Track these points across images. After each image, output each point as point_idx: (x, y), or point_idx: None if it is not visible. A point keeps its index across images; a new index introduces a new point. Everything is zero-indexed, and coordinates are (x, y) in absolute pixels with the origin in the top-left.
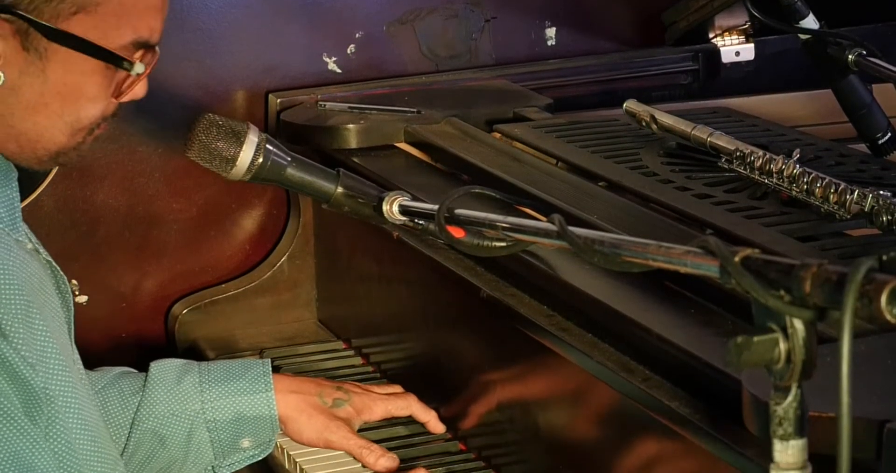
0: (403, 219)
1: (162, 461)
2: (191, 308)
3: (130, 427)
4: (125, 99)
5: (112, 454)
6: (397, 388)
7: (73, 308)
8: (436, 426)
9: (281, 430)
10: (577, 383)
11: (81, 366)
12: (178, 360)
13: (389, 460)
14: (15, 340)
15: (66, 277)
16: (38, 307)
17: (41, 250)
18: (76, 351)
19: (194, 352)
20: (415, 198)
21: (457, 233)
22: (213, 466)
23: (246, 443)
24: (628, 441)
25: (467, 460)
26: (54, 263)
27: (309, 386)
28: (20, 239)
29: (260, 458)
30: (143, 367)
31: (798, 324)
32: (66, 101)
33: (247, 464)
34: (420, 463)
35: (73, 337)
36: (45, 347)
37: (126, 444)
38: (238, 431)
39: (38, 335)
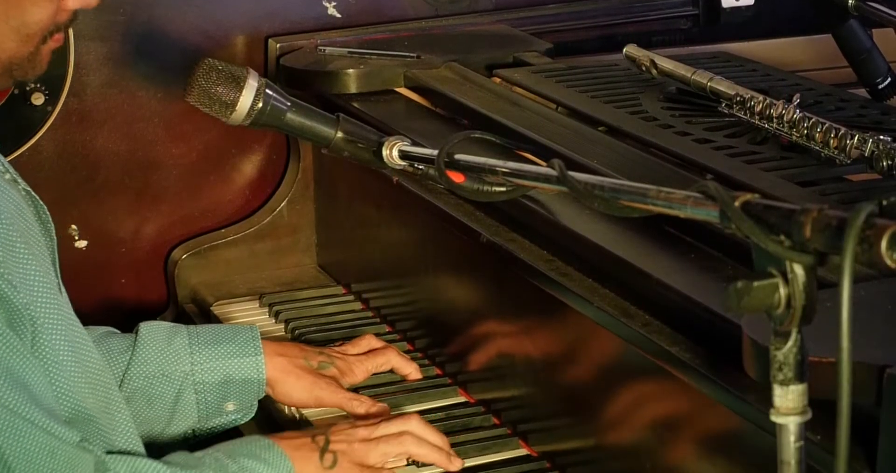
0: (403, 163)
1: (147, 421)
2: (190, 253)
3: (120, 386)
4: (75, 5)
5: (104, 380)
6: (376, 343)
7: (55, 238)
8: (416, 375)
9: (268, 393)
10: (577, 328)
11: (67, 299)
12: (167, 322)
13: (378, 409)
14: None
15: (45, 207)
16: (19, 233)
17: (20, 180)
18: (61, 282)
19: (194, 297)
20: (414, 143)
21: (456, 177)
22: (193, 429)
23: (230, 407)
24: (628, 386)
25: (466, 406)
26: (33, 193)
27: (294, 350)
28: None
29: (241, 423)
30: (142, 312)
31: (798, 269)
32: (8, 5)
33: (228, 428)
34: (419, 410)
35: (57, 268)
36: (27, 270)
37: None
38: (225, 394)
39: (20, 258)
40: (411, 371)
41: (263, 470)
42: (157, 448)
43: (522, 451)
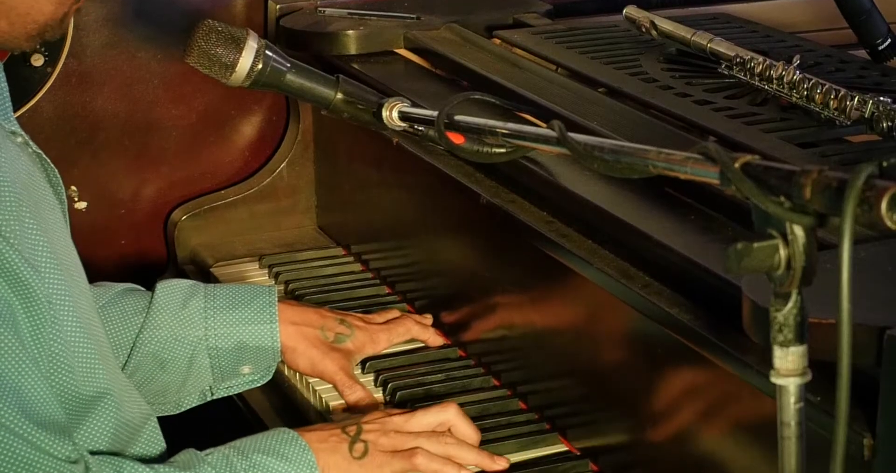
0: (403, 125)
1: (160, 384)
2: (190, 214)
3: (131, 349)
4: None
5: (109, 358)
6: (394, 313)
7: (66, 201)
8: (435, 341)
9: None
10: (577, 289)
11: (78, 261)
12: (185, 281)
13: (371, 401)
14: (11, 238)
15: (56, 170)
16: (29, 204)
17: (31, 143)
18: (72, 244)
19: (194, 259)
20: (414, 105)
21: (456, 139)
22: (210, 387)
23: (246, 370)
24: (627, 348)
25: (467, 367)
26: (44, 155)
27: (313, 318)
28: (14, 129)
29: (259, 384)
30: (142, 273)
31: (798, 230)
32: None
33: (245, 389)
34: (419, 370)
35: (69, 231)
36: (35, 245)
37: (126, 364)
38: (239, 358)
39: (29, 233)
40: (428, 336)
41: (279, 467)
42: (170, 432)
43: (521, 410)
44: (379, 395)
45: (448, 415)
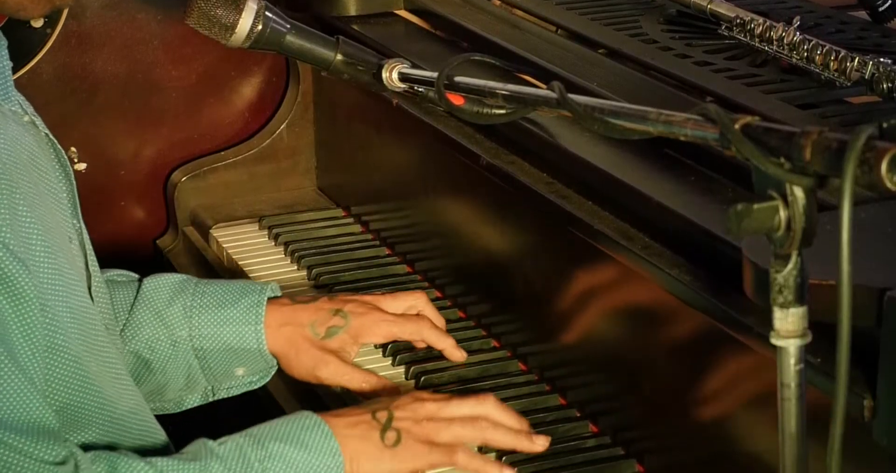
0: (403, 86)
1: (152, 384)
2: (190, 175)
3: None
4: None
5: (106, 349)
6: (416, 297)
7: (74, 182)
8: (452, 353)
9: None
10: (577, 250)
11: (86, 238)
12: (176, 276)
13: (384, 385)
14: (6, 237)
15: (63, 151)
16: (25, 190)
17: (38, 123)
18: (81, 222)
19: (194, 220)
20: (414, 66)
21: (456, 100)
22: (212, 387)
23: (240, 371)
24: (627, 309)
25: (467, 328)
26: (51, 136)
27: (302, 316)
28: (14, 108)
29: (259, 385)
30: (142, 235)
31: (798, 192)
32: None
33: (246, 390)
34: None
35: (78, 210)
36: (28, 236)
37: None
38: (229, 360)
39: (22, 223)
40: (446, 346)
41: (297, 456)
42: (174, 425)
43: (521, 371)
44: (378, 356)
45: (486, 408)
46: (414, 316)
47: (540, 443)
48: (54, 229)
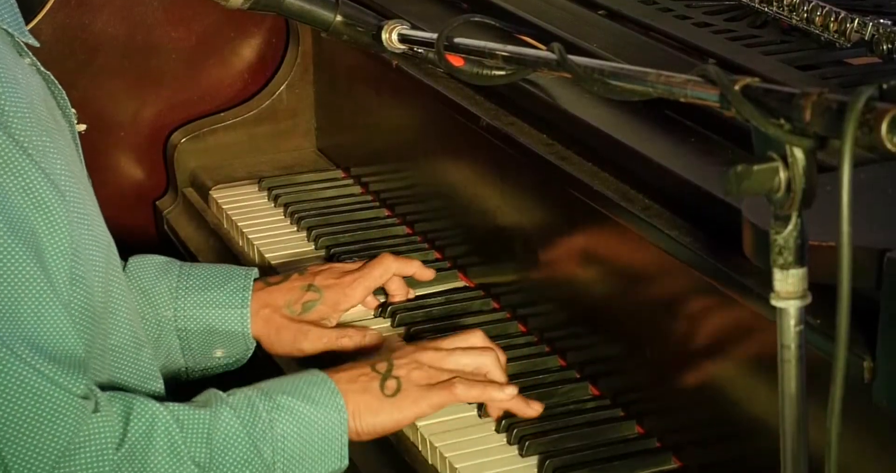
0: (403, 47)
1: None
2: (189, 136)
3: None
4: None
5: (122, 283)
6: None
7: (74, 123)
8: (422, 274)
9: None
10: (577, 212)
11: (89, 184)
12: (160, 258)
13: (371, 337)
14: (35, 156)
15: (63, 92)
16: (46, 125)
17: (39, 65)
18: (84, 167)
19: (193, 181)
20: (414, 27)
21: (456, 61)
22: (186, 368)
23: (219, 353)
24: (627, 270)
25: (466, 289)
26: (52, 77)
27: (277, 297)
28: (30, 41)
29: (234, 368)
30: (142, 196)
31: (798, 153)
32: None
33: (222, 371)
34: (419, 292)
35: (80, 154)
36: (55, 164)
37: None
38: (210, 342)
39: (51, 153)
40: (414, 269)
41: (303, 409)
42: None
43: (520, 332)
44: (377, 317)
45: (486, 360)
46: (375, 262)
47: (535, 408)
48: (73, 163)
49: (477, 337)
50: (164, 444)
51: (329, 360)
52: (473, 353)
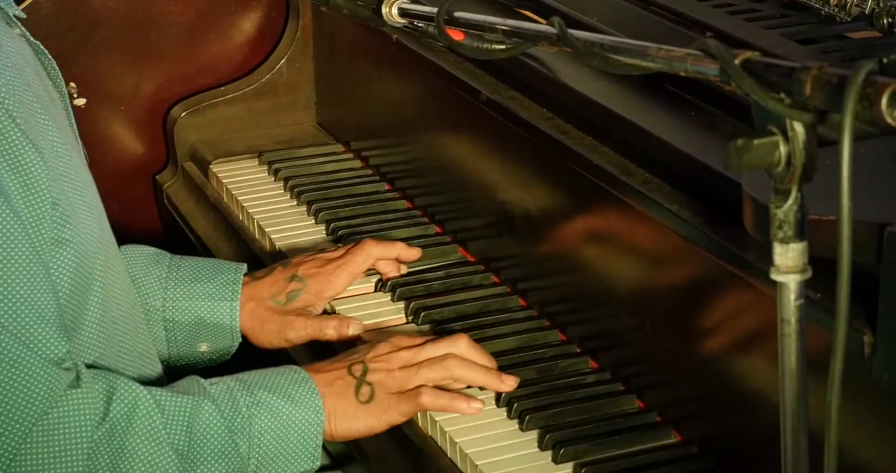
0: (402, 21)
1: None
2: (189, 110)
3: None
4: None
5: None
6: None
7: (66, 94)
8: (407, 254)
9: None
10: (576, 186)
11: (82, 153)
12: (150, 249)
13: (354, 327)
14: (23, 124)
15: (54, 61)
16: (36, 94)
17: (28, 35)
18: (77, 137)
19: (193, 155)
20: (414, 1)
21: (456, 35)
22: (168, 360)
23: (203, 348)
24: (627, 244)
25: (465, 263)
26: (42, 47)
27: (262, 290)
28: (17, 13)
29: (216, 363)
30: (142, 170)
31: (798, 127)
32: None
33: (204, 366)
34: (418, 266)
35: (73, 124)
36: (46, 133)
37: None
38: (196, 334)
39: (39, 117)
40: (397, 252)
41: (283, 407)
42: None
43: (521, 307)
44: (375, 291)
45: (459, 348)
46: (356, 247)
47: (508, 383)
48: (65, 132)
49: (461, 345)
50: (145, 427)
51: (315, 349)
52: (444, 343)
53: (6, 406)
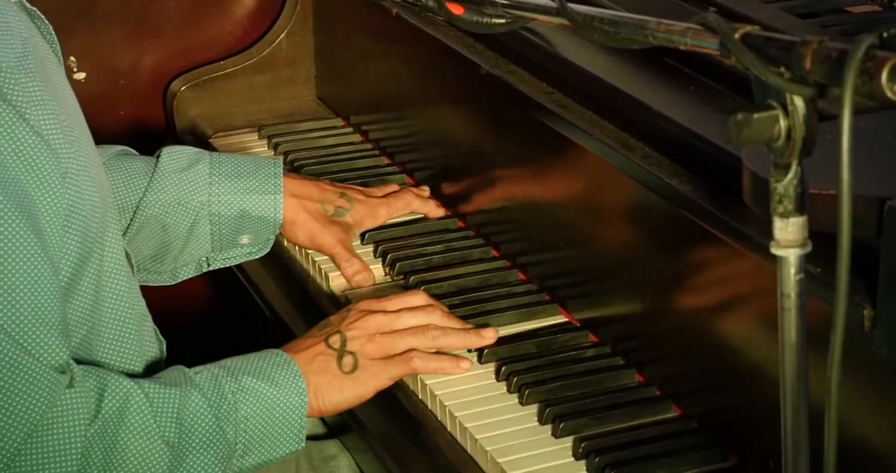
0: None
1: (162, 245)
2: (189, 85)
3: (135, 211)
4: None
5: (118, 231)
6: (392, 187)
7: (62, 59)
8: (435, 213)
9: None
10: (577, 160)
11: (83, 120)
12: (191, 148)
13: (364, 278)
14: (19, 106)
15: (50, 26)
16: (34, 63)
17: (24, 2)
18: (77, 103)
19: (193, 129)
20: None
21: (456, 9)
22: (207, 257)
23: (245, 240)
24: (627, 219)
25: (466, 238)
26: (38, 12)
27: (313, 191)
28: None
29: (256, 257)
30: (142, 145)
31: (798, 101)
32: None
33: (242, 261)
34: (418, 241)
35: (69, 85)
36: (43, 108)
37: (128, 227)
38: (240, 227)
39: (37, 94)
40: (429, 209)
41: (267, 391)
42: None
43: (520, 281)
44: (378, 267)
45: (433, 319)
46: (399, 192)
47: (489, 336)
48: (66, 104)
49: (419, 298)
50: (136, 422)
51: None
52: (420, 313)
53: (6, 411)
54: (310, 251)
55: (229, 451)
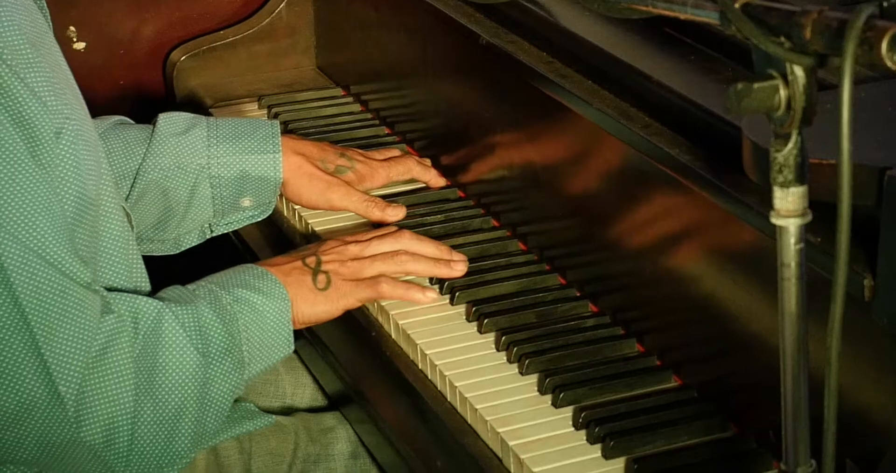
0: None
1: (164, 210)
2: (189, 54)
3: (134, 178)
4: None
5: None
6: (394, 151)
7: (52, 25)
8: (436, 182)
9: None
10: (577, 130)
11: (76, 88)
12: (187, 113)
13: (397, 210)
14: (15, 66)
15: (44, 2)
16: (26, 29)
17: None
18: (69, 70)
19: (193, 99)
20: None
21: None
22: (209, 223)
23: (247, 202)
24: (628, 189)
25: (466, 207)
26: None
27: (312, 150)
28: None
29: (258, 219)
30: (141, 114)
31: (798, 71)
32: None
33: (244, 225)
34: (418, 211)
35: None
36: (38, 72)
37: (129, 193)
38: (240, 189)
39: (31, 58)
40: (430, 177)
41: (258, 300)
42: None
43: (520, 250)
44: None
45: (403, 243)
46: (400, 157)
47: (458, 269)
48: (56, 70)
49: (406, 239)
50: (172, 338)
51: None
52: (390, 239)
53: (66, 337)
54: (296, 207)
55: (241, 359)
